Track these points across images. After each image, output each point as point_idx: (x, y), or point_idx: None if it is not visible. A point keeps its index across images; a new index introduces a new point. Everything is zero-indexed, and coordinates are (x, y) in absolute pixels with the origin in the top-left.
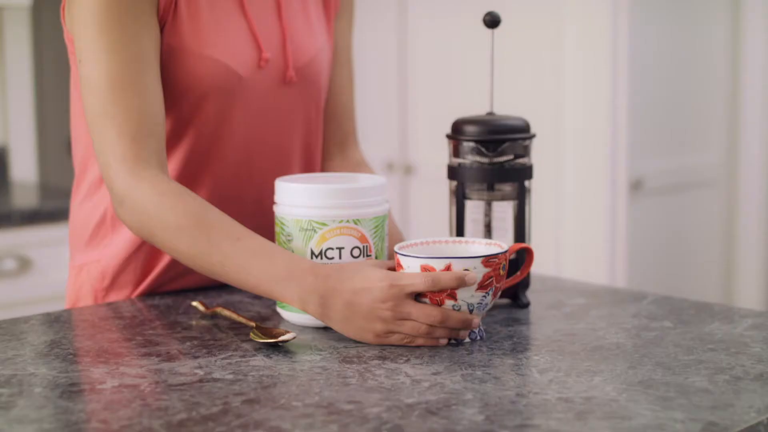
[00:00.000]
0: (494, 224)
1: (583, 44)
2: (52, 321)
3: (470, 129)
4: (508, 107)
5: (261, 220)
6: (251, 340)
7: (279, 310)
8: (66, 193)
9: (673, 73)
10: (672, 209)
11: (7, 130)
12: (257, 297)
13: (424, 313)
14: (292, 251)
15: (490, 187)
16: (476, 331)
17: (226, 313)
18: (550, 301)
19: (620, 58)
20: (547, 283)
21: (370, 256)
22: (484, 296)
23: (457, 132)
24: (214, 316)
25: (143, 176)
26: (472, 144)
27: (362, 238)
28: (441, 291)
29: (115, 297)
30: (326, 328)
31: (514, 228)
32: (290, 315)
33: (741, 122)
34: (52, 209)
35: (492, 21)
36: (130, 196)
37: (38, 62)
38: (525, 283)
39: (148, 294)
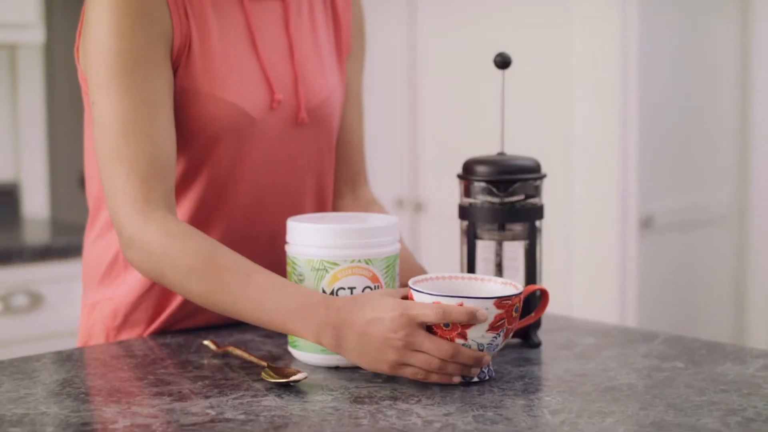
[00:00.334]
0: (505, 264)
1: (592, 82)
2: (63, 359)
3: (481, 169)
4: (516, 144)
5: (273, 259)
6: (263, 380)
7: (290, 349)
8: (77, 229)
9: (683, 111)
10: (683, 247)
11: (19, 166)
12: (269, 336)
13: (436, 347)
14: None
15: (502, 227)
16: (485, 370)
17: (238, 352)
18: (562, 341)
19: (630, 96)
20: (558, 322)
21: None
22: (495, 337)
23: (468, 172)
24: (226, 355)
25: (152, 218)
26: (483, 184)
27: (374, 278)
28: (452, 329)
29: (127, 335)
30: (337, 368)
31: (525, 268)
32: (302, 354)
33: (752, 160)
34: (63, 245)
35: (503, 62)
36: (138, 237)
37: (51, 98)
38: (536, 323)
39: (160, 332)
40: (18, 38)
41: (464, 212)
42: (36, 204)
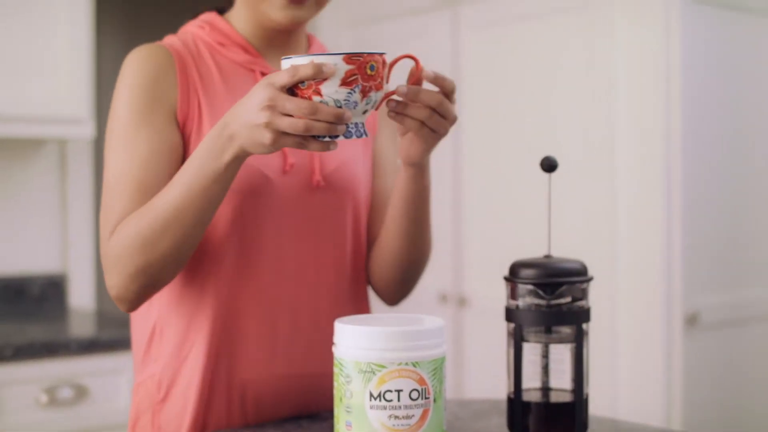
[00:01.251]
0: (552, 366)
1: (635, 179)
2: None
3: (528, 272)
4: (559, 243)
5: (294, 325)
6: None
7: None
8: (122, 323)
9: (728, 205)
10: (730, 345)
11: (67, 258)
12: None
13: (296, 106)
14: (351, 393)
15: (548, 330)
16: (352, 128)
17: None
18: None
19: (674, 194)
20: (603, 426)
21: (428, 398)
22: (350, 93)
23: (514, 274)
24: None
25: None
26: (530, 287)
27: (420, 381)
28: (308, 87)
29: (171, 409)
30: None
31: (573, 370)
32: None
33: None
34: (108, 338)
35: (549, 166)
36: (103, 258)
37: (98, 192)
38: (583, 426)
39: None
40: (69, 133)
41: (511, 314)
42: (82, 296)
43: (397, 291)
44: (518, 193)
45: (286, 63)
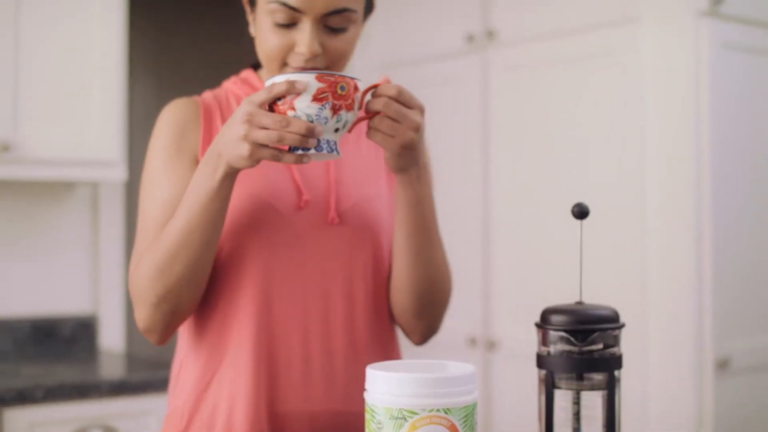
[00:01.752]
0: (583, 413)
1: (666, 224)
2: None
3: (559, 318)
4: (589, 287)
5: (305, 356)
6: None
7: None
8: (151, 365)
9: (759, 251)
10: (762, 389)
11: (97, 300)
12: None
13: (271, 120)
14: None
15: (580, 377)
16: (324, 144)
17: None
18: None
19: (705, 238)
20: None
21: None
22: (321, 108)
23: (545, 321)
24: None
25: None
26: (561, 333)
27: (452, 427)
28: (284, 103)
29: None
30: None
31: (604, 418)
32: None
33: None
34: (138, 380)
35: (580, 212)
36: (130, 294)
37: (129, 234)
38: None
39: None
40: (102, 176)
41: (542, 361)
42: (112, 337)
43: (418, 323)
44: (547, 235)
45: (268, 82)
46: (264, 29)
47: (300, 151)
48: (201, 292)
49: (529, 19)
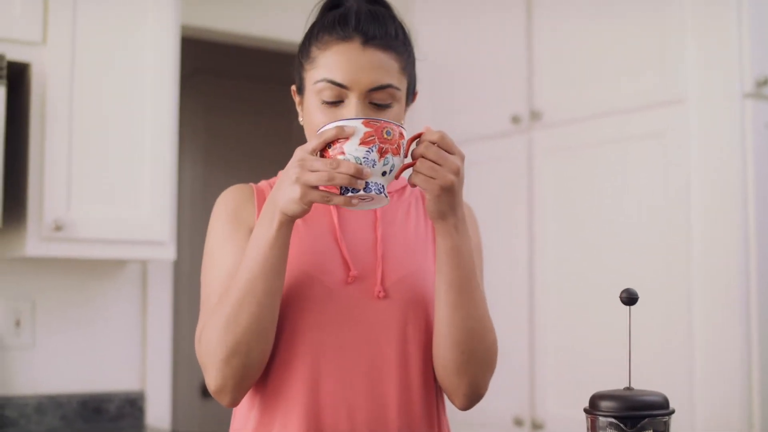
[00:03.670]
0: None
1: (713, 308)
2: None
3: (609, 404)
4: (635, 370)
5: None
6: None
7: None
8: None
9: None
10: None
11: (145, 376)
12: None
13: (321, 163)
14: None
15: None
16: (372, 186)
17: None
18: None
19: (752, 323)
20: None
21: None
22: (368, 151)
23: (594, 407)
24: None
25: None
26: (611, 419)
27: None
28: (334, 148)
29: None
30: None
31: None
32: None
33: None
34: None
35: (629, 298)
36: (198, 360)
37: (177, 311)
38: None
39: None
40: (151, 255)
41: None
42: (159, 414)
43: (460, 381)
44: (592, 316)
45: (318, 131)
46: (312, 110)
47: (350, 193)
48: (269, 344)
49: (573, 100)
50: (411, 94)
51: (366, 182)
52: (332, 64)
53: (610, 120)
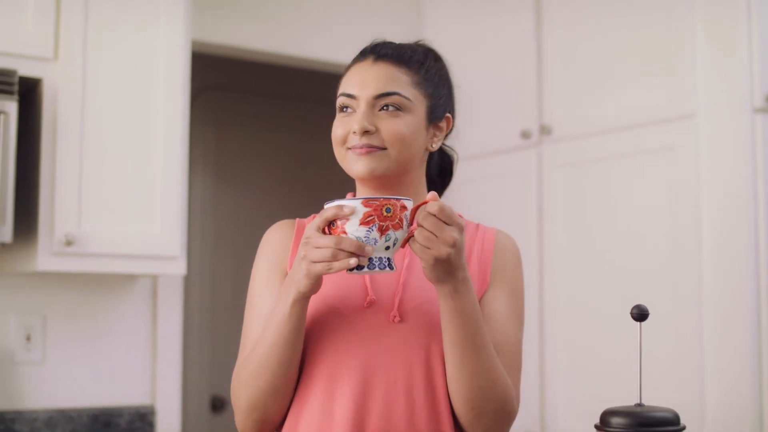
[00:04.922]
0: None
1: (723, 323)
2: None
3: (619, 420)
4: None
5: None
6: None
7: None
8: None
9: None
10: None
11: (155, 391)
12: None
13: (326, 240)
14: None
15: None
16: (376, 261)
17: None
18: None
19: (764, 340)
20: None
21: None
22: (369, 230)
23: (605, 423)
24: None
25: None
26: None
27: None
28: (336, 227)
29: None
30: None
31: None
32: None
33: None
34: None
35: (639, 314)
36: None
37: (188, 326)
38: None
39: None
40: (162, 270)
41: None
42: (169, 428)
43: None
44: (602, 331)
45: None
46: (335, 121)
47: (355, 271)
48: (287, 402)
49: (583, 115)
50: (436, 116)
51: (369, 258)
52: (347, 79)
53: (619, 134)
